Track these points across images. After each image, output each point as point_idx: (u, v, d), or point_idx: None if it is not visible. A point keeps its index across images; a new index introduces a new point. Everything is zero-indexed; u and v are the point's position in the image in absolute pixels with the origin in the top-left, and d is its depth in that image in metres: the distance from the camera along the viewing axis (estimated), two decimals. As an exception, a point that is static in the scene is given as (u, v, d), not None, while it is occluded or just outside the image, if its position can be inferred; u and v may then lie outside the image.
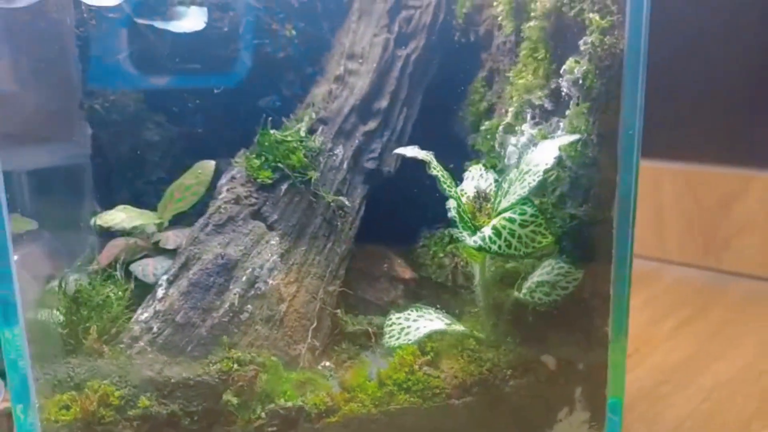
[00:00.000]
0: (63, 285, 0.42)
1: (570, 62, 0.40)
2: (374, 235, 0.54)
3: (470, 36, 0.57)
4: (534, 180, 0.39)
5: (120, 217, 0.47)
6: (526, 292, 0.42)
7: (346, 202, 0.49)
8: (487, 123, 0.54)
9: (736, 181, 0.92)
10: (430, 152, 0.43)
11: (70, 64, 0.55)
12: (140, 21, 0.51)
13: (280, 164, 0.49)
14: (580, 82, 0.39)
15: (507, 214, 0.40)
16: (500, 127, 0.49)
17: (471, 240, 0.40)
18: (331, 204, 0.50)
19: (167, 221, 0.49)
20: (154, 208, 0.52)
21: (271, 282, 0.45)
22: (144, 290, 0.45)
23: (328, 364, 0.45)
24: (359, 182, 0.52)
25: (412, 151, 0.42)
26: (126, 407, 0.36)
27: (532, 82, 0.45)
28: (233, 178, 0.50)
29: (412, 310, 0.46)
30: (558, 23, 0.43)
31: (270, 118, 0.53)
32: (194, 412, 0.38)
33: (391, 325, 0.46)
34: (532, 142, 0.45)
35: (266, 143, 0.50)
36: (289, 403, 0.39)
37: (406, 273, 0.55)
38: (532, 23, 0.44)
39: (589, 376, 0.44)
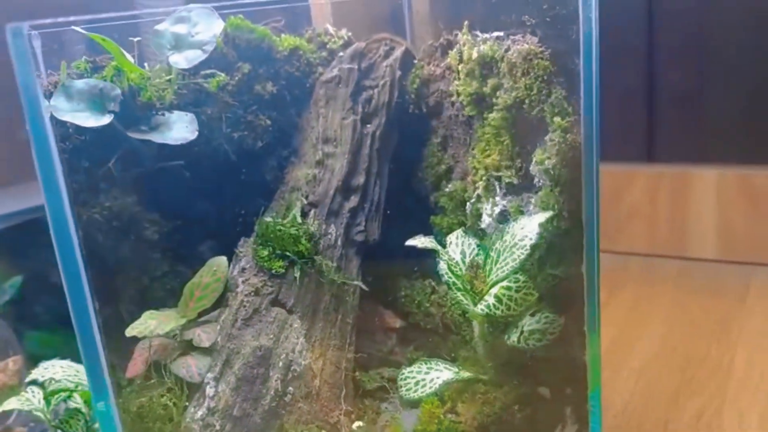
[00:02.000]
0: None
1: (539, 155, 0.49)
2: (364, 293, 0.61)
3: (422, 107, 0.65)
4: (523, 253, 0.48)
5: (152, 324, 0.51)
6: (521, 340, 0.51)
7: (362, 285, 0.56)
8: (450, 185, 0.63)
9: (623, 175, 1.09)
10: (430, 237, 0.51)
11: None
12: (133, 135, 0.55)
13: (288, 252, 0.55)
14: (551, 171, 0.48)
15: (504, 283, 0.49)
16: (472, 199, 0.57)
17: (478, 308, 0.49)
18: (336, 281, 0.57)
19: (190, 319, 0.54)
20: (163, 304, 0.56)
21: (303, 362, 0.51)
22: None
23: (360, 423, 0.52)
24: (353, 254, 0.59)
25: (421, 242, 0.50)
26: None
27: (499, 163, 0.54)
28: (243, 269, 0.56)
29: (421, 364, 0.55)
30: (518, 115, 0.52)
31: (263, 208, 0.59)
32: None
33: (405, 379, 0.54)
34: (506, 213, 0.54)
35: (270, 233, 0.56)
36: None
37: (396, 323, 0.63)
38: (494, 114, 0.53)
39: (574, 396, 0.54)
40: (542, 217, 0.49)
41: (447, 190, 0.63)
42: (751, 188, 1.06)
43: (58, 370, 0.59)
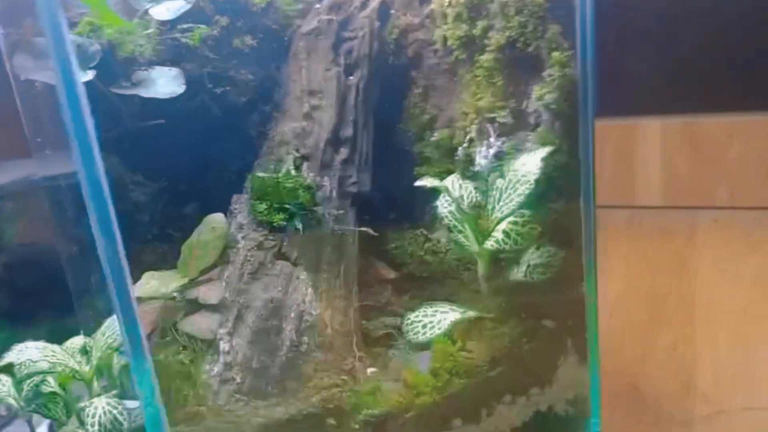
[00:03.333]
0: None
1: (538, 90, 0.50)
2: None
3: (401, 58, 0.65)
4: (528, 188, 0.50)
5: (155, 284, 0.50)
6: (527, 274, 0.52)
7: (370, 230, 0.56)
8: (436, 134, 0.63)
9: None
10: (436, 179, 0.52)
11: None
12: (117, 91, 0.53)
13: (287, 205, 0.54)
14: (552, 106, 0.49)
15: (511, 218, 0.50)
16: (464, 144, 0.58)
17: (487, 245, 0.50)
18: (336, 231, 0.56)
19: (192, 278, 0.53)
20: (156, 269, 0.54)
21: (314, 312, 0.51)
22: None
23: (374, 369, 0.53)
24: (348, 206, 0.59)
25: (431, 182, 0.50)
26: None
27: (492, 104, 0.55)
28: (241, 225, 0.55)
29: (426, 307, 0.55)
30: (511, 54, 0.53)
31: (255, 163, 0.58)
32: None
33: (411, 324, 0.55)
34: (501, 154, 0.55)
35: (266, 187, 0.55)
36: (376, 411, 0.46)
37: (390, 274, 0.64)
38: (486, 55, 0.54)
39: (574, 329, 0.56)
40: (543, 152, 0.50)
41: (432, 139, 0.64)
42: (693, 135, 1.11)
43: (34, 352, 0.57)
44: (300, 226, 0.54)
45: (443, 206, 0.56)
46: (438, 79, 0.64)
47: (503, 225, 0.50)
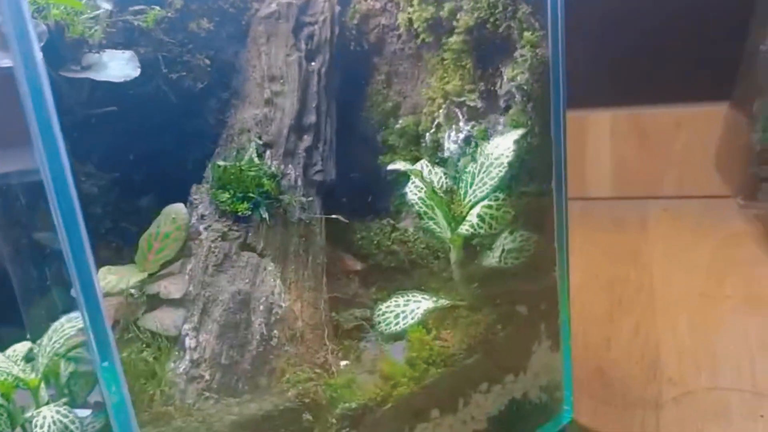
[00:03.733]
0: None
1: (510, 72, 0.50)
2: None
3: (363, 44, 0.64)
4: (501, 171, 0.49)
5: (113, 280, 0.46)
6: (501, 259, 0.52)
7: (342, 219, 0.54)
8: (401, 121, 0.62)
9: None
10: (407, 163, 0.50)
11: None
12: (66, 74, 0.49)
13: (251, 194, 0.52)
14: (524, 87, 0.49)
15: (485, 202, 0.49)
16: (431, 129, 0.57)
17: (462, 229, 0.49)
18: (303, 221, 0.54)
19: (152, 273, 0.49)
20: (113, 262, 0.51)
21: (283, 305, 0.49)
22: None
23: (346, 362, 0.51)
24: (313, 195, 0.57)
25: (404, 165, 0.48)
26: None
27: (461, 88, 0.54)
28: (203, 216, 0.52)
29: (398, 297, 0.54)
30: (480, 36, 0.52)
31: (217, 150, 0.55)
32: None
33: (383, 314, 0.53)
34: (471, 138, 0.54)
35: (229, 176, 0.52)
36: (353, 404, 0.45)
37: (357, 266, 0.62)
38: (454, 38, 0.53)
39: (547, 313, 0.55)
40: (516, 134, 0.49)
41: (397, 126, 0.62)
42: (640, 126, 1.14)
43: (-22, 361, 0.52)
44: (266, 215, 0.52)
45: (413, 193, 0.54)
46: (401, 64, 0.62)
47: (477, 209, 0.49)
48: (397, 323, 0.52)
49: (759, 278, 0.83)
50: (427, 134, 0.57)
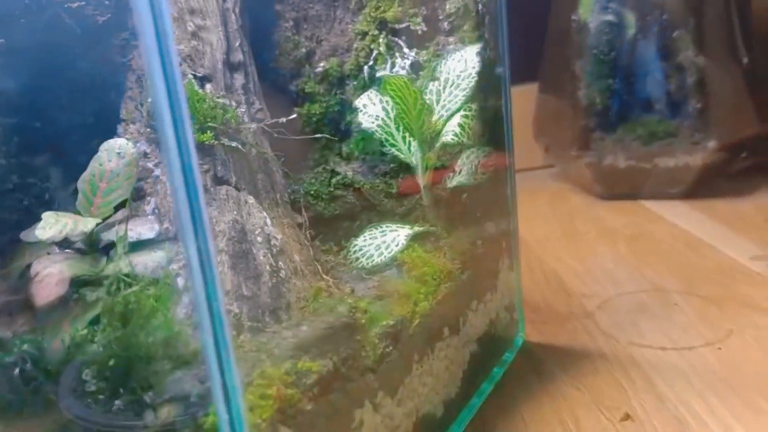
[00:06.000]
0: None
1: (464, -14, 0.51)
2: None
3: (265, -10, 0.60)
4: (471, 81, 0.49)
5: (66, 223, 0.37)
6: (467, 176, 0.52)
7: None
8: (321, 65, 0.59)
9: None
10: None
11: None
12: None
13: (210, 124, 0.45)
14: (478, 2, 0.50)
15: (462, 112, 0.49)
16: (369, 62, 0.55)
17: (447, 138, 0.48)
18: (262, 157, 0.49)
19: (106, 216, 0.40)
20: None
21: (279, 236, 0.43)
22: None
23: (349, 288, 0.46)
24: (260, 133, 0.51)
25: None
26: (300, 380, 0.33)
27: (402, 15, 0.53)
28: (146, 153, 0.44)
29: (371, 229, 0.51)
30: (420, -40, 0.52)
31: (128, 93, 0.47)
32: (345, 359, 0.36)
33: (360, 250, 0.50)
34: (417, 63, 0.54)
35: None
36: (391, 321, 0.41)
37: (297, 218, 0.57)
38: (392, -38, 0.53)
39: (506, 232, 0.57)
40: (476, 48, 0.51)
41: (318, 71, 0.59)
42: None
43: None
44: (233, 144, 0.45)
45: (369, 122, 0.52)
46: (312, 8, 0.60)
47: (456, 119, 0.49)
48: (380, 254, 0.49)
49: (597, 216, 0.95)
50: (366, 67, 0.56)
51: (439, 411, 0.46)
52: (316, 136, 0.57)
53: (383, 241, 0.50)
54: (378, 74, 0.56)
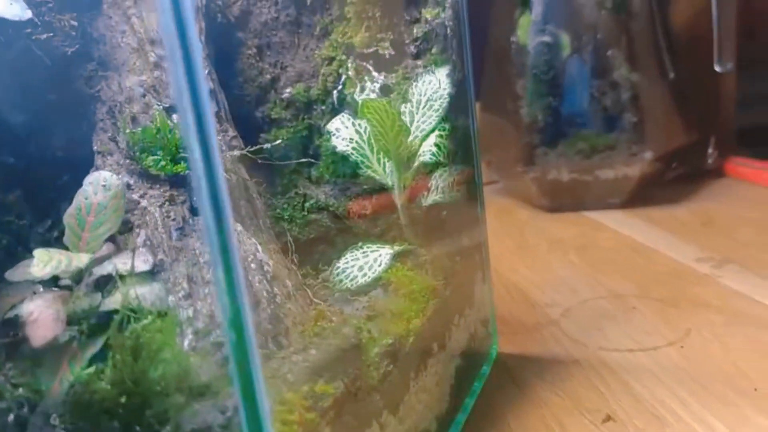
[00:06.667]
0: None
1: (430, 11, 0.52)
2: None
3: (228, 17, 0.60)
4: (444, 102, 0.51)
5: (61, 260, 0.35)
6: (442, 194, 0.53)
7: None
8: (288, 91, 0.60)
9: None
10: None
11: None
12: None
13: (182, 155, 0.45)
14: (446, 24, 0.52)
15: (437, 132, 0.51)
16: (338, 86, 0.56)
17: (425, 157, 0.49)
18: (242, 184, 0.48)
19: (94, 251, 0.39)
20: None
21: (270, 261, 0.43)
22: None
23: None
24: (236, 160, 0.51)
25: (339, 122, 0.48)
26: (317, 403, 0.33)
27: (369, 40, 0.55)
28: (129, 185, 0.43)
29: (353, 251, 0.51)
30: (384, -14, 0.54)
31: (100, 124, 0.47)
32: (354, 380, 0.36)
33: (343, 272, 0.50)
34: (388, 87, 0.55)
35: (150, 140, 0.45)
36: (390, 340, 0.41)
37: (271, 243, 0.57)
38: (357, -10, 0.54)
39: (479, 246, 0.59)
40: (445, 69, 0.52)
41: (284, 96, 0.60)
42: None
43: None
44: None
45: (344, 145, 0.53)
46: (276, 35, 0.60)
47: (432, 139, 0.50)
48: (364, 275, 0.49)
49: (545, 228, 0.98)
50: (335, 92, 0.56)
51: (433, 427, 0.46)
52: (293, 161, 0.57)
53: (366, 262, 0.50)
54: (359, 98, 0.56)
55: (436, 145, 0.50)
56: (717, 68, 0.99)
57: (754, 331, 0.61)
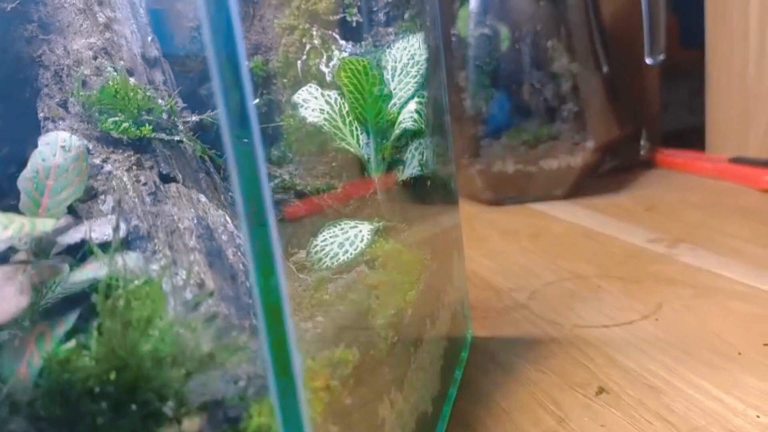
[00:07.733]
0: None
1: (403, -26, 0.50)
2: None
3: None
4: (421, 68, 0.48)
5: (23, 223, 0.30)
6: (420, 167, 0.50)
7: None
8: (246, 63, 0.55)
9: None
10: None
11: None
12: None
13: (147, 117, 0.40)
14: (422, -13, 0.49)
15: (416, 99, 0.48)
16: (302, 56, 0.53)
17: (407, 124, 0.46)
18: (200, 156, 0.44)
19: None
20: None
21: (242, 235, 0.38)
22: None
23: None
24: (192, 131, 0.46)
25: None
26: (336, 371, 0.29)
27: (336, 4, 0.51)
28: (89, 151, 0.38)
29: (330, 227, 0.47)
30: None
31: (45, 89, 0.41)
32: (366, 349, 0.33)
33: (321, 250, 0.46)
34: (356, 54, 0.52)
35: (106, 100, 0.39)
36: (392, 311, 0.38)
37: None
38: (319, -49, 0.51)
39: (456, 224, 0.56)
40: (420, 35, 0.50)
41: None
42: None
43: None
44: (175, 137, 0.40)
45: (314, 117, 0.49)
46: (227, 5, 0.56)
47: (412, 105, 0.47)
48: (345, 251, 0.46)
49: (493, 220, 0.97)
50: (299, 62, 0.52)
51: (429, 408, 0.43)
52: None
53: (346, 238, 0.46)
54: (326, 68, 0.53)
55: (417, 111, 0.47)
56: (648, 61, 1.02)
57: (725, 301, 0.61)
